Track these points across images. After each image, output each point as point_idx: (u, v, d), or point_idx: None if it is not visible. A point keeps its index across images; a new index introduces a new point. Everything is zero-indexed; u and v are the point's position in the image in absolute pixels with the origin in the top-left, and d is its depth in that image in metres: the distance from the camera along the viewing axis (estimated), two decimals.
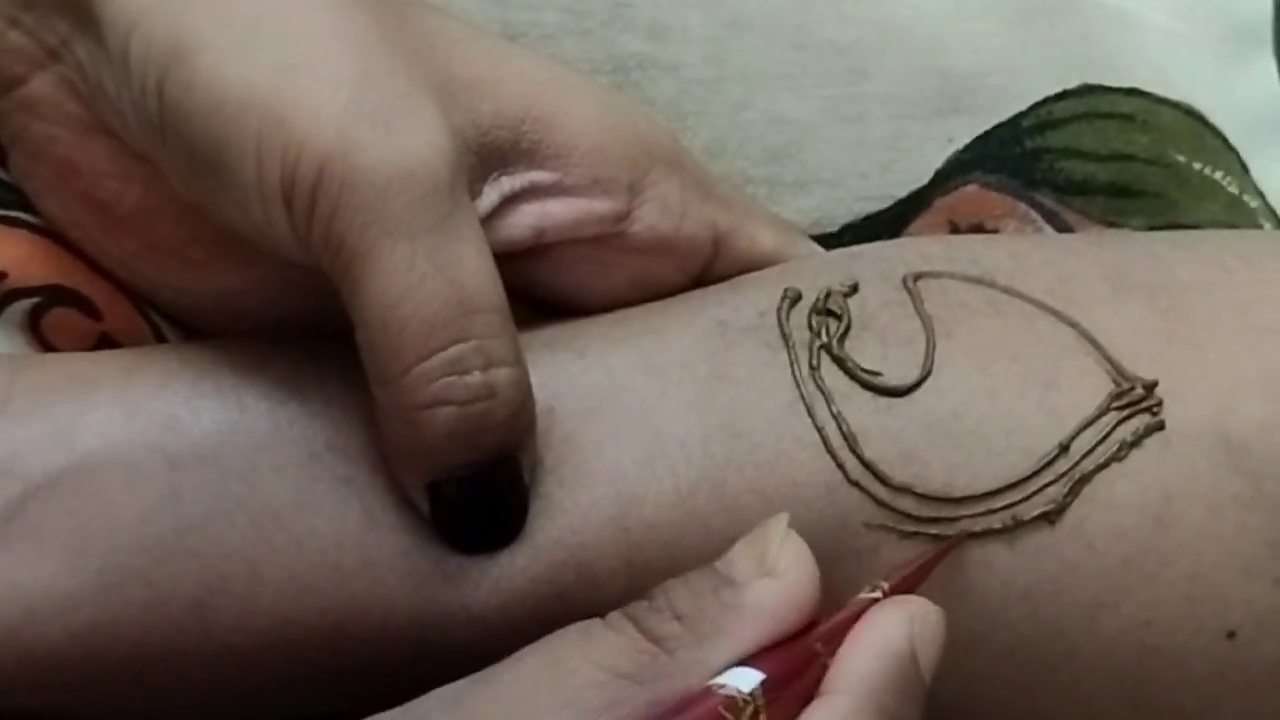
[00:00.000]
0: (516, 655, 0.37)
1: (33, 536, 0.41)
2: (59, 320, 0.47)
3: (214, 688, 0.42)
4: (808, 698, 0.37)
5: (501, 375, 0.40)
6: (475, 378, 0.39)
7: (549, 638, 0.37)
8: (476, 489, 0.41)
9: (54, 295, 0.47)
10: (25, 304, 0.47)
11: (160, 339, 0.48)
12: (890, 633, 0.38)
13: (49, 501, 0.41)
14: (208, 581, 0.41)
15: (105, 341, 0.47)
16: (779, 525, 0.39)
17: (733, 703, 0.36)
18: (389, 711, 0.37)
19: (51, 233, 0.46)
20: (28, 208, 0.46)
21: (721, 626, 0.37)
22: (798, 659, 0.37)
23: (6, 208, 0.47)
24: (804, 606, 0.38)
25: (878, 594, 0.39)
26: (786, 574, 0.38)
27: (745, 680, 0.36)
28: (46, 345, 0.47)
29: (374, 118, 0.39)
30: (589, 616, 0.41)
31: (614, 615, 0.37)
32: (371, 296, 0.39)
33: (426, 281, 0.39)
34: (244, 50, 0.39)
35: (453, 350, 0.39)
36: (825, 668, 0.37)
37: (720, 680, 0.36)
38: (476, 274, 0.40)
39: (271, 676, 0.42)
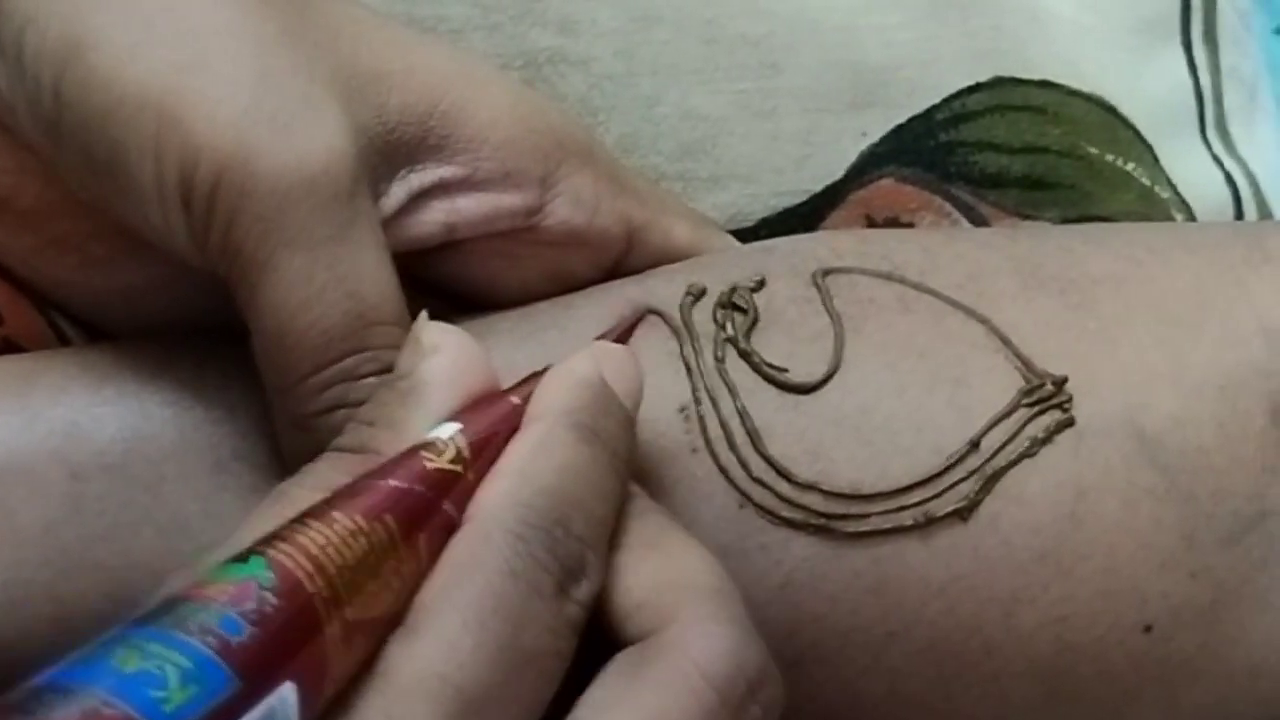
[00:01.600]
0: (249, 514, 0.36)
1: None
2: None
3: None
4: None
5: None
6: (370, 384, 0.39)
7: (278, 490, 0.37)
8: None
9: None
10: None
11: (63, 341, 0.47)
12: (575, 366, 0.38)
13: None
14: (114, 595, 0.40)
15: (6, 345, 0.46)
16: (422, 319, 0.38)
17: (431, 445, 0.36)
18: None
19: None
20: None
21: (408, 409, 0.37)
22: (493, 410, 0.37)
23: None
24: (475, 369, 0.38)
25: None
26: (444, 347, 0.37)
27: (443, 431, 0.36)
28: None
29: (273, 120, 0.38)
30: None
31: (325, 453, 0.37)
32: (269, 307, 0.39)
33: (325, 293, 0.38)
34: (141, 48, 0.39)
35: (349, 361, 0.39)
36: (522, 415, 0.38)
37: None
38: (376, 285, 0.39)
39: None
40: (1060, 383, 0.43)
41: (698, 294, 0.44)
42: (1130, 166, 0.53)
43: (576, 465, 0.36)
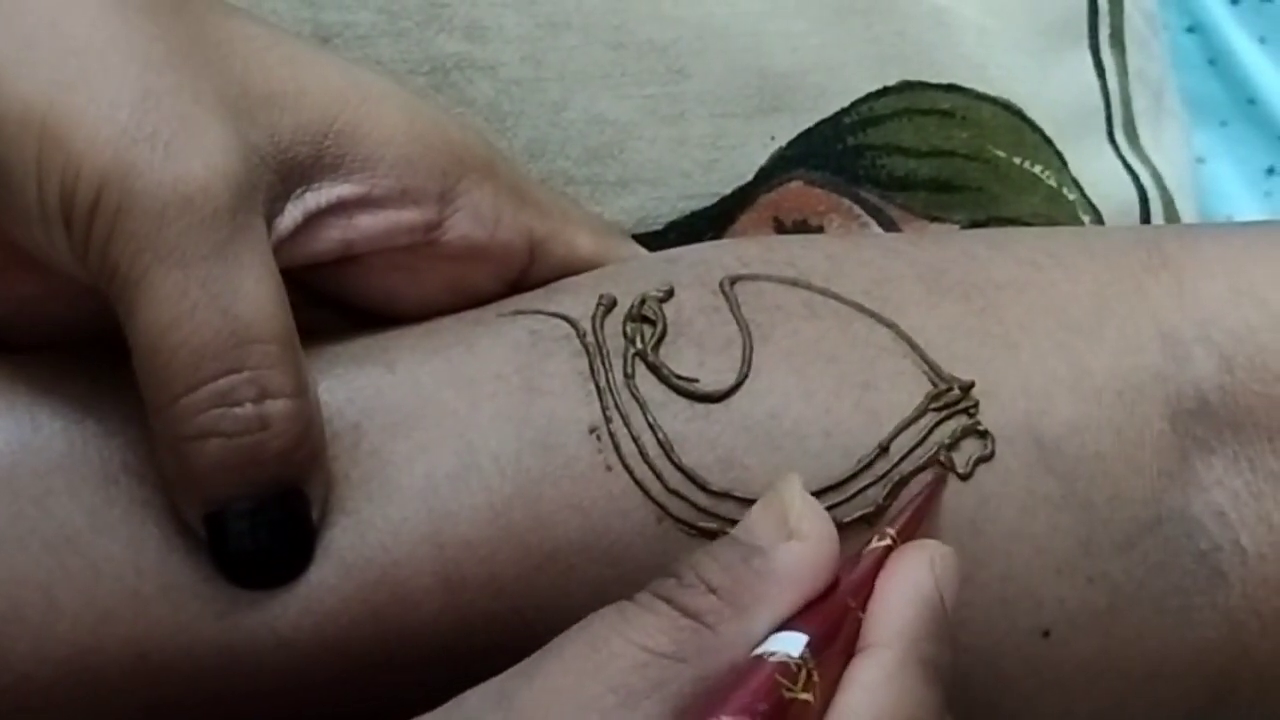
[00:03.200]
0: (556, 643, 0.36)
1: None
2: None
3: None
4: (848, 653, 0.37)
5: (276, 407, 0.39)
6: (246, 410, 0.39)
7: (586, 622, 0.37)
8: (255, 522, 0.40)
9: None
10: None
11: None
12: (919, 579, 0.38)
13: None
14: (1, 609, 0.40)
15: None
16: (793, 486, 0.39)
17: (786, 668, 0.36)
18: (429, 713, 0.36)
19: None
20: None
21: (758, 594, 0.37)
22: (834, 616, 0.37)
23: None
24: (831, 566, 0.38)
25: (888, 541, 0.40)
26: (811, 535, 0.38)
27: (792, 644, 0.36)
28: None
29: (153, 139, 0.38)
30: (405, 635, 0.41)
31: (645, 595, 0.37)
32: (142, 324, 0.38)
33: (198, 311, 0.38)
34: (23, 66, 0.38)
35: (223, 382, 0.38)
36: (858, 620, 0.38)
37: (766, 648, 0.36)
38: (254, 303, 0.39)
39: (74, 710, 0.41)
40: (967, 388, 0.43)
41: (609, 305, 0.44)
42: (1038, 169, 0.53)
43: (922, 713, 0.36)
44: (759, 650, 0.36)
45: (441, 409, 0.42)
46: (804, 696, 0.35)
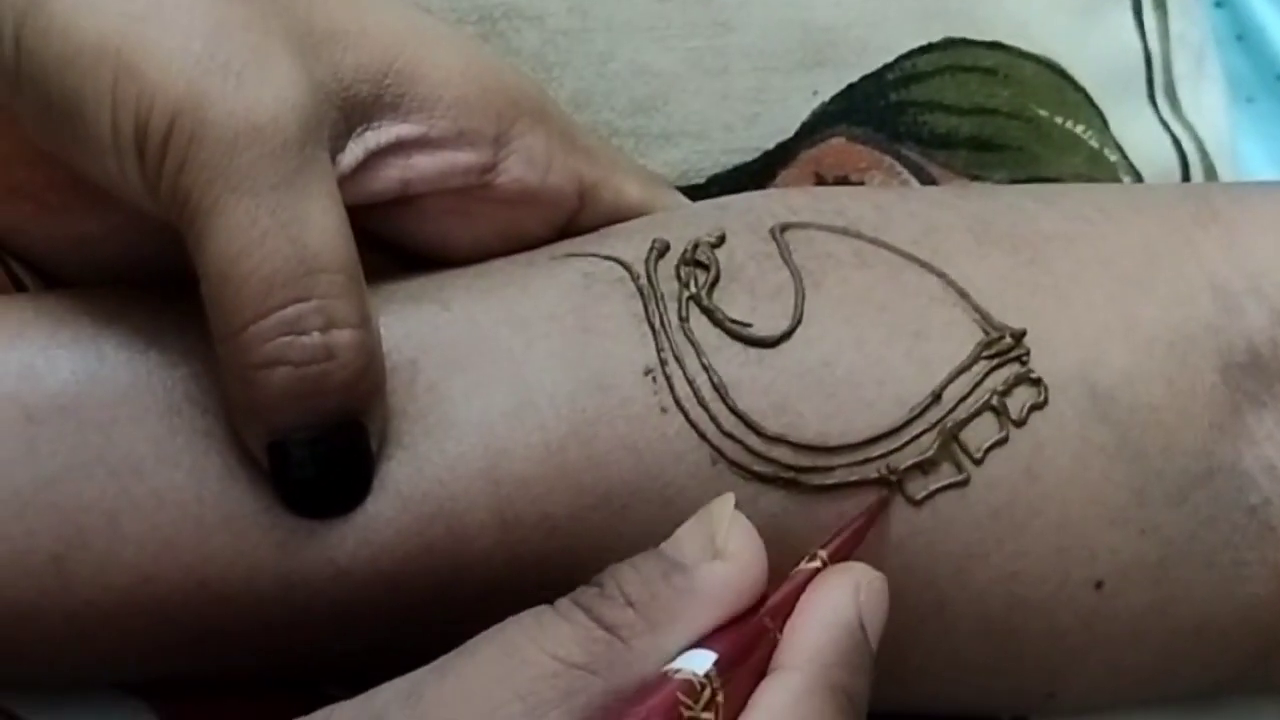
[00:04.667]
0: (471, 644, 0.36)
1: None
2: None
3: (76, 646, 0.41)
4: (760, 672, 0.37)
5: (342, 337, 0.39)
6: (313, 339, 0.39)
7: (502, 626, 0.37)
8: (316, 452, 0.40)
9: None
10: None
11: (19, 288, 0.46)
12: (838, 604, 0.38)
13: None
14: (67, 536, 0.40)
15: None
16: (725, 506, 0.39)
17: (690, 686, 0.36)
18: (345, 703, 0.36)
19: None
20: None
21: (675, 612, 0.37)
22: (749, 636, 0.37)
23: None
24: (755, 587, 0.38)
25: (818, 563, 0.39)
26: (736, 556, 0.38)
27: (699, 662, 0.36)
28: None
29: (225, 70, 0.39)
30: (459, 570, 0.41)
31: (564, 603, 0.37)
32: (212, 252, 0.38)
33: (267, 239, 0.38)
34: None
35: (291, 310, 0.39)
36: (775, 641, 0.38)
37: (675, 665, 0.36)
38: (322, 233, 0.39)
39: (134, 635, 0.41)
40: (1019, 336, 0.43)
41: (662, 250, 0.44)
42: (1079, 129, 0.53)
43: None
44: (668, 667, 0.36)
45: (497, 347, 0.42)
46: (705, 716, 0.36)
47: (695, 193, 0.51)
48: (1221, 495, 0.44)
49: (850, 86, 0.52)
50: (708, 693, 0.35)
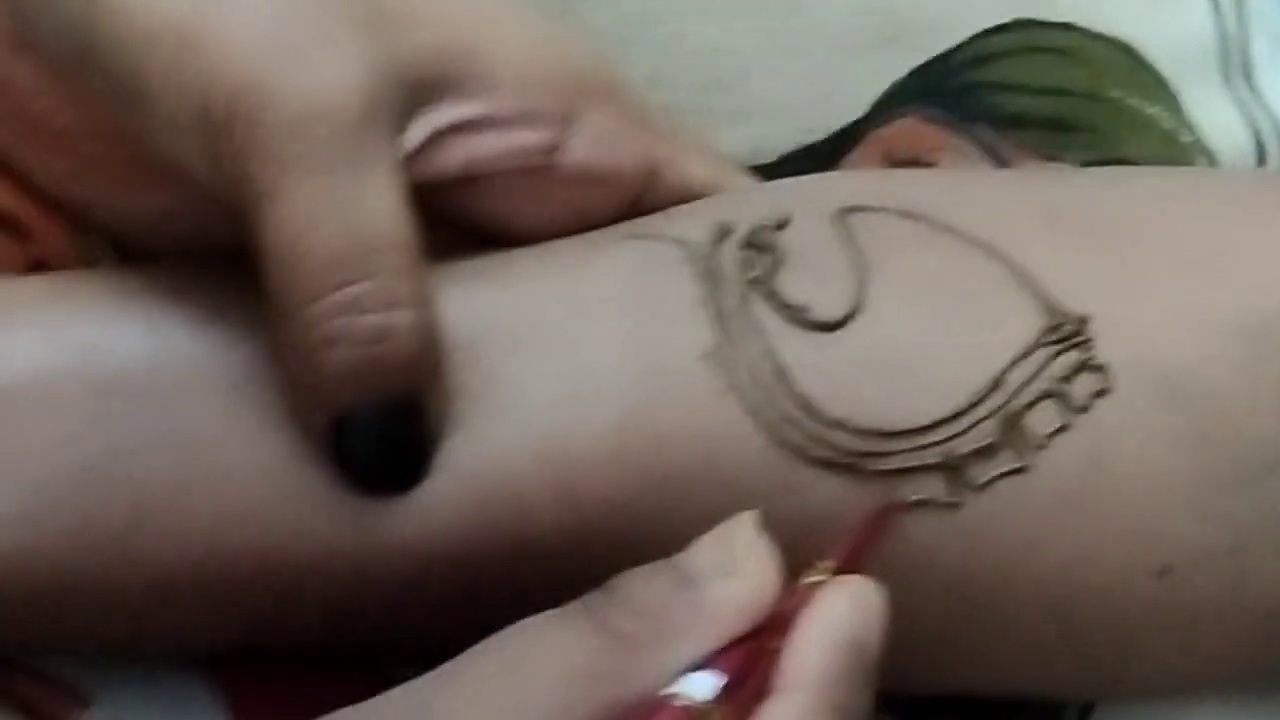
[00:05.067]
0: (479, 649, 0.37)
1: None
2: None
3: (141, 618, 0.42)
4: (761, 690, 0.37)
5: (401, 317, 0.40)
6: (372, 319, 0.39)
7: (509, 631, 0.37)
8: (376, 431, 0.41)
9: None
10: None
11: (93, 261, 0.47)
12: (837, 621, 0.38)
13: None
14: (133, 511, 0.41)
15: (36, 265, 0.47)
16: (744, 524, 0.39)
17: (692, 712, 0.36)
18: (347, 710, 0.37)
19: None
20: None
21: (682, 626, 0.37)
22: (754, 656, 0.37)
23: None
24: (765, 608, 0.38)
25: (822, 576, 0.39)
26: (749, 575, 0.38)
27: (701, 687, 0.36)
28: None
29: (289, 52, 0.39)
30: (519, 548, 0.41)
31: (573, 608, 0.37)
32: (272, 232, 0.39)
33: (328, 219, 0.39)
34: None
35: (350, 290, 0.39)
36: (776, 658, 0.37)
37: (676, 689, 0.36)
38: (382, 214, 0.40)
39: (199, 608, 0.42)
40: (1082, 322, 0.43)
41: (725, 232, 0.44)
42: (1153, 110, 0.53)
43: None
44: (668, 690, 0.36)
45: (558, 328, 0.43)
46: None
47: (765, 172, 0.51)
48: None
49: (921, 67, 0.52)
50: (712, 718, 0.36)
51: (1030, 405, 0.42)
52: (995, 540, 0.42)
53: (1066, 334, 0.43)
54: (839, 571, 0.39)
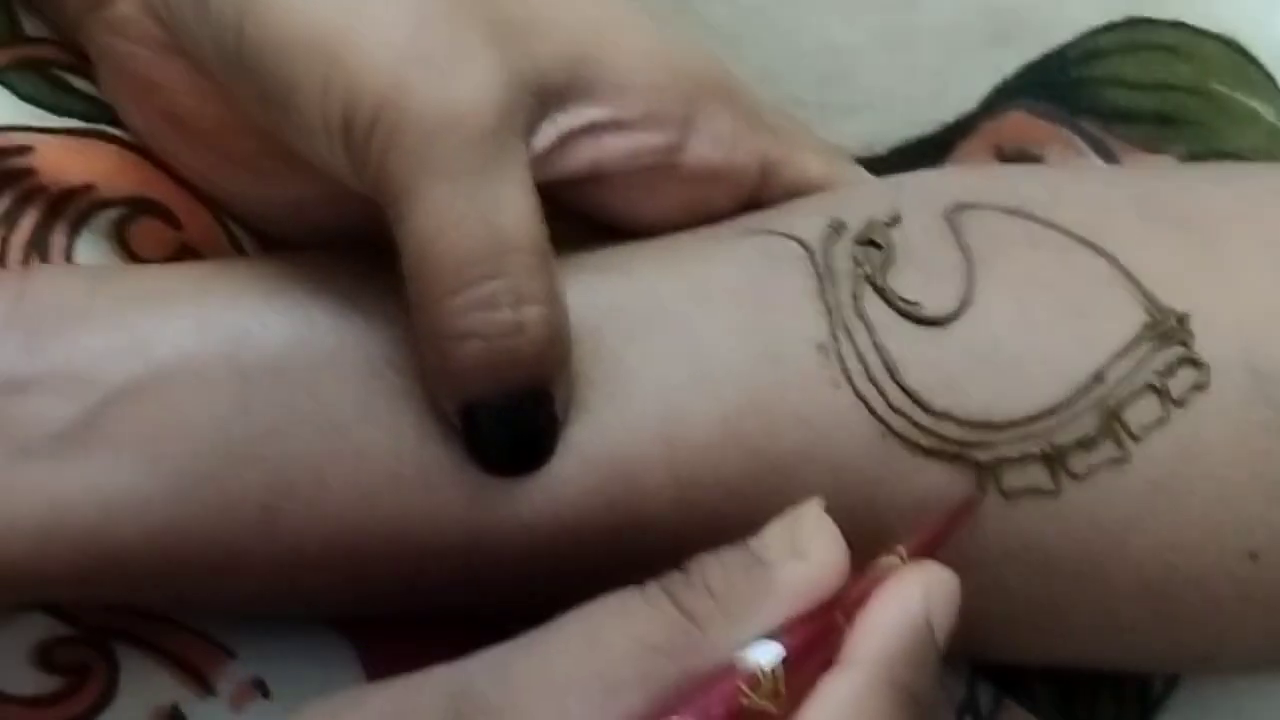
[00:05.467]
0: (559, 622, 0.38)
1: (110, 442, 0.43)
2: (142, 230, 0.49)
3: (280, 586, 0.45)
4: (827, 665, 0.38)
5: (532, 313, 0.41)
6: (504, 314, 0.41)
7: (589, 606, 0.39)
8: (506, 417, 0.42)
9: (138, 206, 0.49)
10: (111, 214, 0.49)
11: (236, 247, 0.50)
12: (907, 603, 0.39)
13: (126, 408, 0.43)
14: (276, 487, 0.43)
15: (185, 250, 0.50)
16: (813, 509, 0.40)
17: (754, 678, 0.37)
18: (441, 666, 0.39)
19: (137, 146, 0.49)
20: (115, 122, 0.49)
21: (751, 605, 0.38)
22: (818, 631, 0.38)
23: (96, 121, 0.49)
24: (830, 589, 0.39)
25: (896, 559, 0.40)
26: (815, 557, 0.39)
27: (766, 654, 0.37)
28: (130, 254, 0.49)
29: (428, 62, 0.41)
30: (638, 527, 0.43)
31: (651, 586, 0.39)
32: (412, 231, 0.41)
33: (463, 221, 0.41)
34: None
35: (484, 287, 0.41)
36: (843, 635, 0.39)
37: (742, 654, 0.37)
38: (514, 216, 0.41)
39: (335, 578, 0.44)
40: (1182, 318, 0.44)
41: (838, 228, 0.46)
42: (1258, 105, 0.53)
43: None
44: (735, 655, 0.37)
45: (678, 318, 0.44)
46: (764, 704, 0.37)
47: (876, 164, 0.52)
48: None
49: (1032, 64, 0.53)
50: (770, 684, 0.37)
51: (1130, 398, 0.44)
52: (1092, 526, 0.44)
53: (1166, 330, 0.44)
54: (913, 557, 0.41)
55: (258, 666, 0.49)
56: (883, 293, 0.44)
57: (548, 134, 0.44)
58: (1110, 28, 0.53)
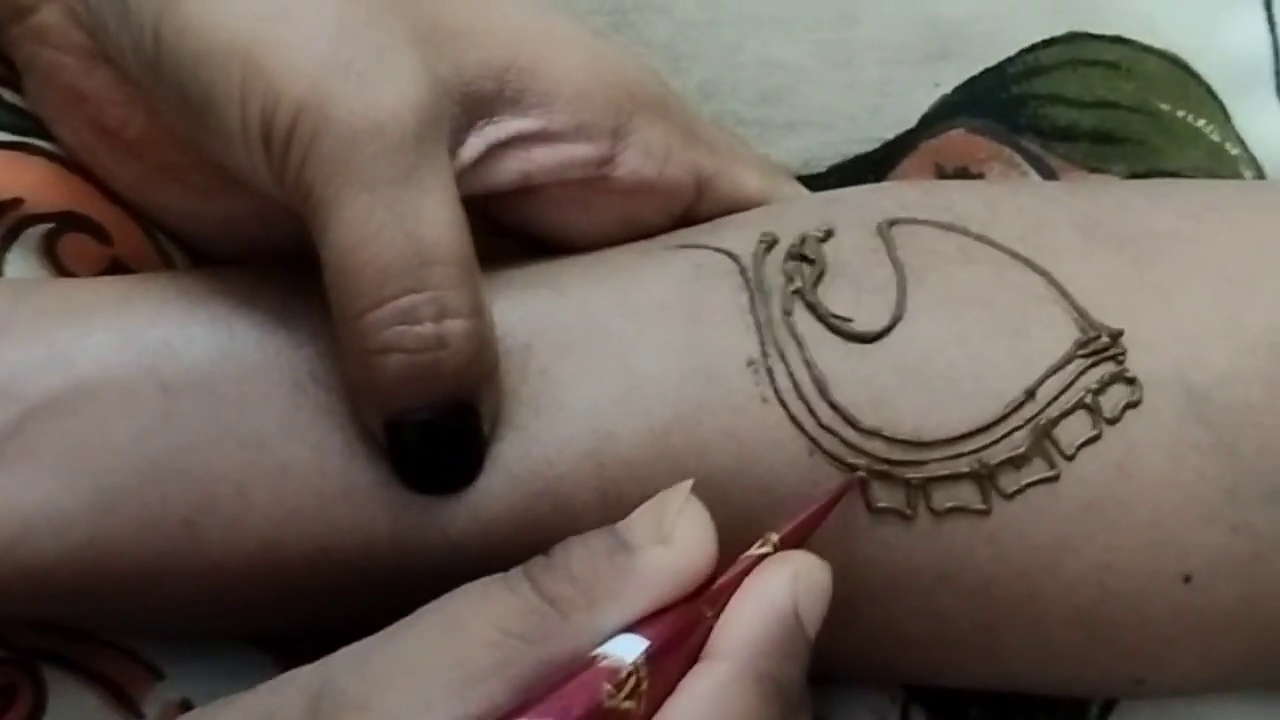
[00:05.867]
0: (420, 612, 0.38)
1: (30, 456, 0.43)
2: (72, 245, 0.49)
3: (203, 603, 0.44)
4: (693, 659, 0.38)
5: (455, 326, 0.41)
6: (426, 328, 0.41)
7: (450, 595, 0.38)
8: (429, 432, 0.42)
9: (67, 221, 0.48)
10: (41, 229, 0.48)
11: (167, 262, 0.49)
12: (773, 593, 0.39)
13: (46, 422, 0.43)
14: (198, 503, 0.43)
15: (115, 265, 0.49)
16: (680, 493, 0.40)
17: (615, 674, 0.37)
18: (303, 667, 0.39)
19: (65, 159, 0.48)
20: (44, 134, 0.48)
21: (613, 591, 0.38)
22: (683, 624, 0.38)
23: (24, 134, 0.48)
24: (696, 575, 0.39)
25: (767, 549, 0.40)
26: (681, 542, 0.39)
27: (628, 649, 0.37)
28: (60, 269, 0.49)
29: (348, 69, 0.40)
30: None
31: (514, 573, 0.39)
32: (332, 242, 0.41)
33: (384, 231, 0.40)
34: None
35: (406, 300, 0.41)
36: (710, 628, 0.38)
37: (605, 650, 0.37)
38: (437, 226, 0.41)
39: (258, 595, 0.44)
40: (1116, 335, 0.44)
41: (770, 243, 0.45)
42: (1201, 123, 0.53)
43: None
44: (597, 651, 0.37)
45: (608, 334, 0.44)
46: (626, 705, 0.36)
47: (816, 182, 0.52)
48: None
49: (972, 79, 0.53)
50: (633, 681, 0.36)
51: (1062, 416, 0.43)
52: (1024, 546, 0.43)
53: (1100, 347, 0.44)
54: (785, 545, 0.40)
55: (185, 687, 0.49)
56: (814, 308, 0.44)
57: (475, 145, 0.44)
58: (1051, 43, 0.53)
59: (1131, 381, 0.44)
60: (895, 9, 0.53)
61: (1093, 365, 0.44)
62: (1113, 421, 0.44)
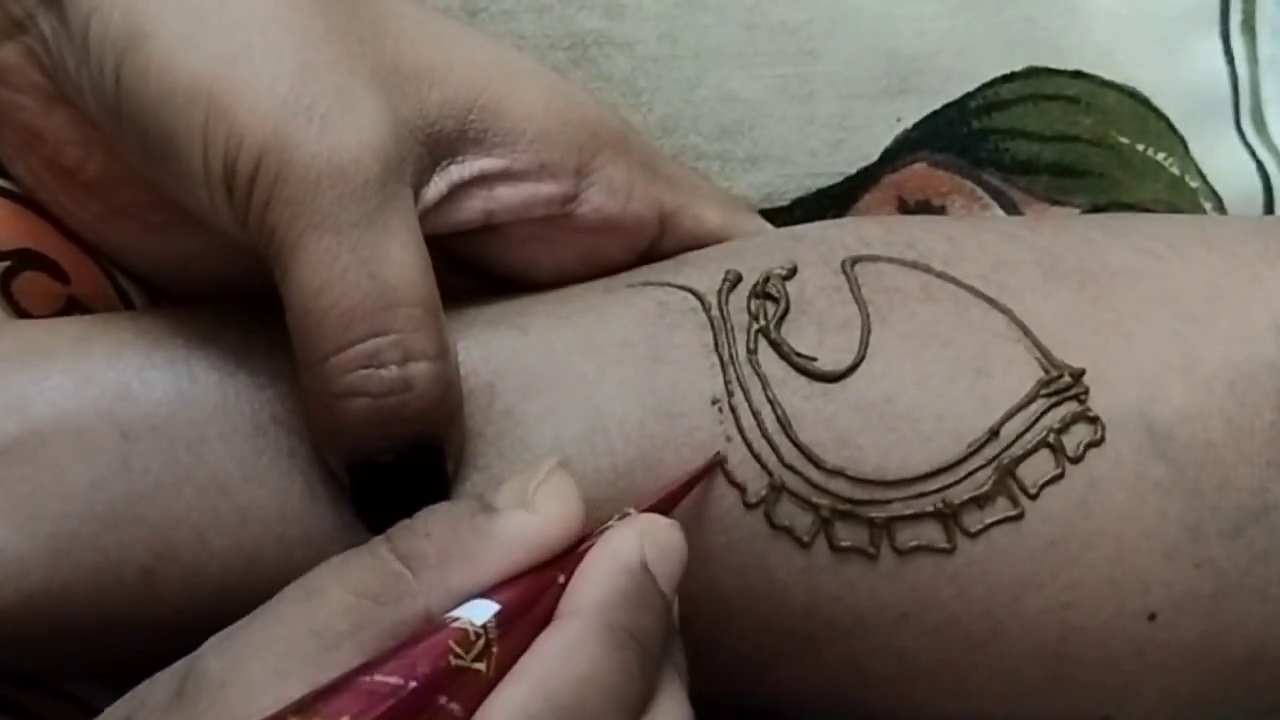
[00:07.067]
0: (285, 588, 0.38)
1: None
2: (28, 284, 0.48)
3: (162, 649, 0.43)
4: (547, 623, 0.38)
5: (420, 370, 0.41)
6: (391, 372, 0.41)
7: (318, 567, 0.38)
8: (394, 474, 0.42)
9: (24, 259, 0.48)
10: None
11: (125, 301, 0.49)
12: (618, 548, 0.39)
13: (1, 468, 0.43)
14: (156, 549, 0.42)
15: (73, 304, 0.49)
16: (548, 462, 0.40)
17: (464, 635, 0.36)
18: (183, 660, 0.38)
19: (22, 197, 0.48)
20: (0, 172, 0.48)
21: (468, 551, 0.38)
22: (535, 588, 0.38)
23: None
24: (555, 541, 0.39)
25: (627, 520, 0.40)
26: (542, 509, 0.39)
27: (479, 612, 0.37)
28: (16, 308, 0.48)
29: (310, 112, 0.40)
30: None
31: (376, 539, 0.38)
32: (295, 285, 0.40)
33: (348, 274, 0.40)
34: (193, 40, 0.40)
35: (370, 343, 0.40)
36: (561, 592, 0.38)
37: (456, 613, 0.37)
38: (400, 268, 0.41)
39: None
40: (1078, 375, 0.44)
41: (734, 281, 0.45)
42: (1160, 156, 0.53)
43: (601, 677, 0.37)
44: (448, 614, 0.37)
45: (571, 373, 0.44)
46: (476, 666, 0.36)
47: (778, 215, 0.52)
48: (1276, 531, 0.44)
49: (933, 114, 0.53)
50: (481, 643, 0.36)
51: (1025, 455, 0.44)
52: (987, 584, 0.44)
53: (1063, 386, 0.44)
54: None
55: None
56: (778, 347, 0.44)
57: (438, 185, 0.44)
58: (1011, 78, 0.53)
59: (1094, 420, 0.44)
60: (854, 44, 0.53)
61: (1055, 405, 0.44)
62: (1075, 460, 0.44)
